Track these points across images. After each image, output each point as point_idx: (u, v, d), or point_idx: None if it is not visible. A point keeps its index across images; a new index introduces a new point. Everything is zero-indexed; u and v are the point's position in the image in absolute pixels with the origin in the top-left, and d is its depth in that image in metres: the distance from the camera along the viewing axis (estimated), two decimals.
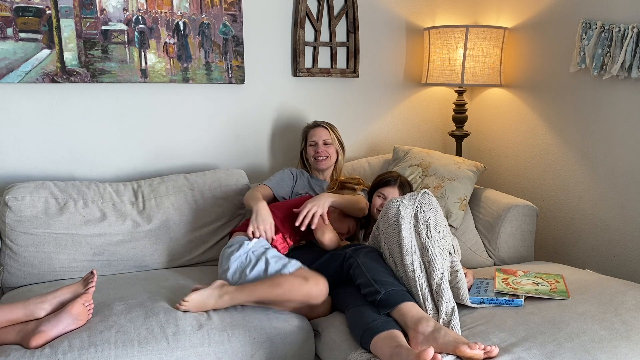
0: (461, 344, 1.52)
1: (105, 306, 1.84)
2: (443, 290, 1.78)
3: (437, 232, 1.91)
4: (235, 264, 1.96)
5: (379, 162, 2.82)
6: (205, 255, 2.39)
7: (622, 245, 2.48)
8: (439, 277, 1.81)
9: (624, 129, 2.43)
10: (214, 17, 2.59)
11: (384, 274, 1.83)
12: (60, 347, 1.62)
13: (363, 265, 1.87)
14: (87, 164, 2.50)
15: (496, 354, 1.53)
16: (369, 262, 1.88)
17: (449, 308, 1.74)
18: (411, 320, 1.66)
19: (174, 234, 2.33)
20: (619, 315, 1.75)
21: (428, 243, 1.86)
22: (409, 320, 1.67)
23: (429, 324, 1.62)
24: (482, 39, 2.80)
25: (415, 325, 1.64)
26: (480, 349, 1.51)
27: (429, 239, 1.88)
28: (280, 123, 2.85)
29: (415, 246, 1.87)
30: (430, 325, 1.62)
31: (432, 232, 1.90)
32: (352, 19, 2.88)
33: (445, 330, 1.59)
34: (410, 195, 1.99)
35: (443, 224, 1.96)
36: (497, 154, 3.11)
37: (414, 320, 1.66)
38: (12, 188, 2.18)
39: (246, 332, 1.79)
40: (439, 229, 1.92)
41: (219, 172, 2.52)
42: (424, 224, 1.91)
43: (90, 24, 2.38)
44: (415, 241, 1.88)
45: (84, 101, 2.46)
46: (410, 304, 1.73)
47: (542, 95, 2.81)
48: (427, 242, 1.87)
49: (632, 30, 2.27)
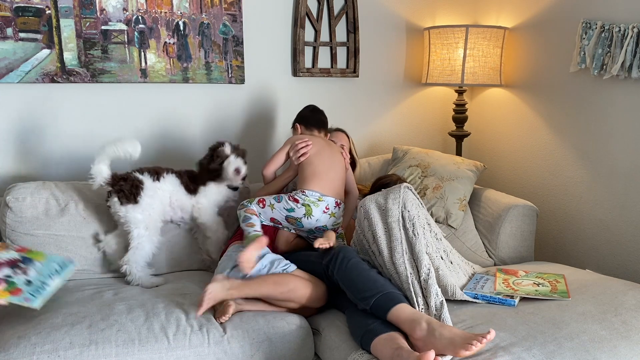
0: (459, 348, 1.51)
1: (106, 306, 1.85)
2: (430, 285, 1.79)
3: (422, 228, 1.94)
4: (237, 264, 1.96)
5: (379, 162, 2.82)
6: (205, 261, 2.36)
7: (622, 245, 2.48)
8: (425, 273, 1.83)
9: (624, 129, 2.43)
10: (214, 17, 2.59)
11: (363, 282, 1.80)
12: (61, 344, 1.63)
13: (342, 282, 1.86)
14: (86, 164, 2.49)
15: (492, 336, 1.52)
16: (346, 276, 1.85)
17: (437, 302, 1.75)
18: (404, 326, 1.65)
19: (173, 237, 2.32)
20: (619, 315, 1.75)
21: (414, 241, 1.89)
22: (403, 326, 1.66)
23: (422, 327, 1.60)
24: (482, 39, 2.80)
25: (410, 332, 1.63)
26: (477, 347, 1.50)
27: (415, 236, 1.90)
28: (280, 123, 2.85)
29: (405, 245, 1.89)
30: (423, 328, 1.60)
31: (417, 230, 1.92)
32: (352, 18, 2.88)
33: (440, 331, 1.57)
34: (392, 194, 2.00)
35: (426, 219, 2.01)
36: (497, 154, 3.11)
37: (406, 326, 1.65)
38: (13, 189, 2.17)
39: (246, 333, 1.79)
40: (423, 225, 1.96)
41: None
42: (410, 222, 1.93)
43: (90, 24, 2.38)
44: (405, 241, 1.90)
45: (84, 101, 2.46)
46: (397, 309, 1.69)
47: (542, 95, 2.81)
48: (414, 239, 1.90)
49: (632, 30, 2.27)
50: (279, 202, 2.13)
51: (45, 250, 2.03)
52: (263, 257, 1.98)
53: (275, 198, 2.15)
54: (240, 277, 1.93)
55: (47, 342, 1.63)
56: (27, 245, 2.05)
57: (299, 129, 2.40)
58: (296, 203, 2.11)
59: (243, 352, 1.76)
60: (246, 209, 2.12)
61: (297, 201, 2.11)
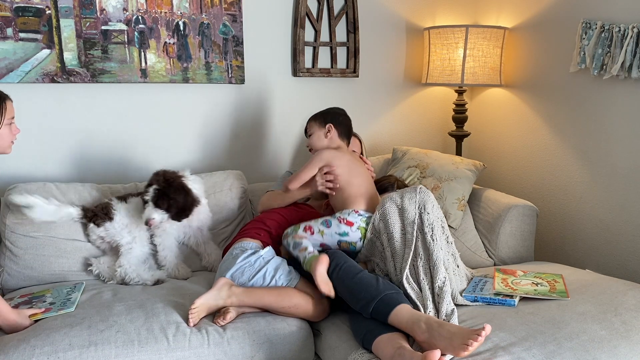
0: (458, 349, 1.50)
1: (105, 307, 1.84)
2: (445, 292, 1.78)
3: (440, 230, 1.92)
4: (240, 264, 1.96)
5: (379, 162, 2.82)
6: None
7: (622, 245, 2.48)
8: (441, 281, 1.81)
9: (624, 129, 2.43)
10: (214, 17, 2.59)
11: (358, 289, 1.77)
12: (60, 345, 1.63)
13: (338, 291, 1.84)
14: (86, 164, 2.50)
15: (488, 331, 1.51)
16: (340, 284, 1.83)
17: (449, 310, 1.74)
18: (406, 329, 1.64)
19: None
20: (619, 315, 1.75)
21: (432, 246, 1.87)
22: (404, 329, 1.65)
23: (422, 328, 1.60)
24: (482, 39, 2.80)
25: (412, 334, 1.62)
26: (473, 346, 1.49)
27: (433, 241, 1.88)
28: (280, 123, 2.85)
29: (421, 250, 1.88)
30: (423, 329, 1.59)
31: (437, 234, 1.90)
32: (352, 19, 2.88)
33: (438, 331, 1.56)
34: (408, 194, 1.98)
35: (441, 221, 1.97)
36: (497, 154, 3.11)
37: (407, 329, 1.64)
38: (14, 190, 2.17)
39: (246, 334, 1.79)
40: (440, 227, 1.93)
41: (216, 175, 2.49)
42: (429, 226, 1.90)
43: (90, 24, 2.38)
44: (421, 245, 1.88)
45: (84, 101, 2.46)
46: (396, 312, 1.67)
47: (542, 95, 2.81)
48: (432, 245, 1.87)
49: (632, 30, 2.27)
50: (328, 227, 2.00)
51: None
52: (268, 262, 1.97)
53: (324, 223, 2.02)
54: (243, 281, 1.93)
55: (46, 344, 1.63)
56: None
57: (332, 132, 2.20)
58: (350, 227, 1.99)
59: (243, 353, 1.76)
60: (294, 235, 2.01)
61: (351, 224, 2.00)
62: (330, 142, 2.20)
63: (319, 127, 2.22)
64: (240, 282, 1.93)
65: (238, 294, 1.86)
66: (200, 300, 1.80)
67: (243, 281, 1.93)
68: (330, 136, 2.20)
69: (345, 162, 2.13)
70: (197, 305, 1.79)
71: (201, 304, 1.80)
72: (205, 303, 1.82)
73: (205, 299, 1.82)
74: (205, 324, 1.80)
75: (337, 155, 2.15)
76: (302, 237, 1.99)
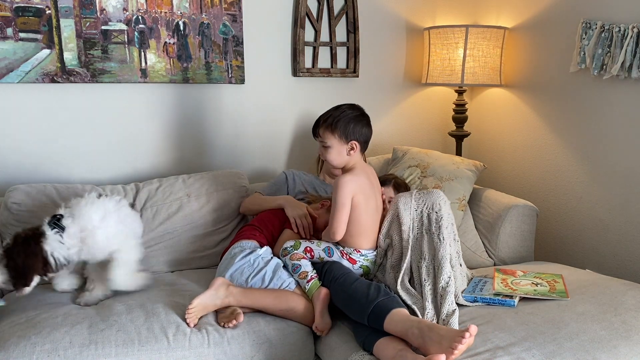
0: (447, 352, 1.48)
1: (105, 306, 1.85)
2: (448, 293, 1.78)
3: (448, 230, 1.92)
4: (240, 264, 1.96)
5: (379, 162, 2.82)
6: (205, 260, 2.35)
7: (622, 245, 2.48)
8: (445, 281, 1.81)
9: (624, 129, 2.43)
10: (214, 17, 2.59)
11: (352, 301, 1.76)
12: (61, 343, 1.63)
13: (337, 304, 1.84)
14: (86, 164, 2.50)
15: (474, 331, 1.50)
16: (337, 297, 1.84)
17: (450, 310, 1.74)
18: (402, 336, 1.62)
19: (173, 238, 2.32)
20: (619, 315, 1.75)
21: (439, 246, 1.87)
22: (400, 335, 1.63)
23: (415, 334, 1.58)
24: (482, 39, 2.80)
25: (408, 341, 1.60)
26: (459, 350, 1.47)
27: (440, 242, 1.88)
28: (280, 123, 2.85)
29: (426, 250, 1.88)
30: (416, 334, 1.58)
31: (444, 234, 1.90)
32: (352, 18, 2.88)
33: (429, 335, 1.54)
34: (418, 193, 2.00)
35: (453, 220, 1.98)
36: (497, 154, 3.11)
37: (403, 336, 1.62)
38: (14, 191, 2.17)
39: (246, 334, 1.79)
40: (448, 227, 1.93)
41: (217, 174, 2.50)
42: (437, 225, 1.91)
43: (90, 24, 2.38)
44: (426, 244, 1.89)
45: (84, 101, 2.46)
46: (388, 322, 1.65)
47: (542, 95, 2.81)
48: (439, 244, 1.87)
49: (632, 30, 2.27)
50: (330, 256, 1.97)
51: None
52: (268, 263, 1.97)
53: (325, 251, 1.98)
54: (242, 281, 1.93)
55: (47, 342, 1.63)
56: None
57: (356, 150, 1.98)
58: (352, 264, 1.97)
59: (243, 353, 1.76)
60: (291, 255, 1.97)
61: (353, 262, 1.97)
62: (350, 159, 1.99)
63: (340, 142, 1.96)
64: (240, 282, 1.94)
65: (235, 294, 1.86)
66: (198, 300, 1.81)
67: (242, 281, 1.94)
68: (352, 154, 1.98)
69: (363, 198, 1.95)
70: (194, 305, 1.80)
71: (198, 303, 1.81)
72: (202, 303, 1.82)
73: (203, 299, 1.82)
74: (206, 323, 1.80)
75: (358, 185, 1.95)
76: (300, 257, 1.97)
